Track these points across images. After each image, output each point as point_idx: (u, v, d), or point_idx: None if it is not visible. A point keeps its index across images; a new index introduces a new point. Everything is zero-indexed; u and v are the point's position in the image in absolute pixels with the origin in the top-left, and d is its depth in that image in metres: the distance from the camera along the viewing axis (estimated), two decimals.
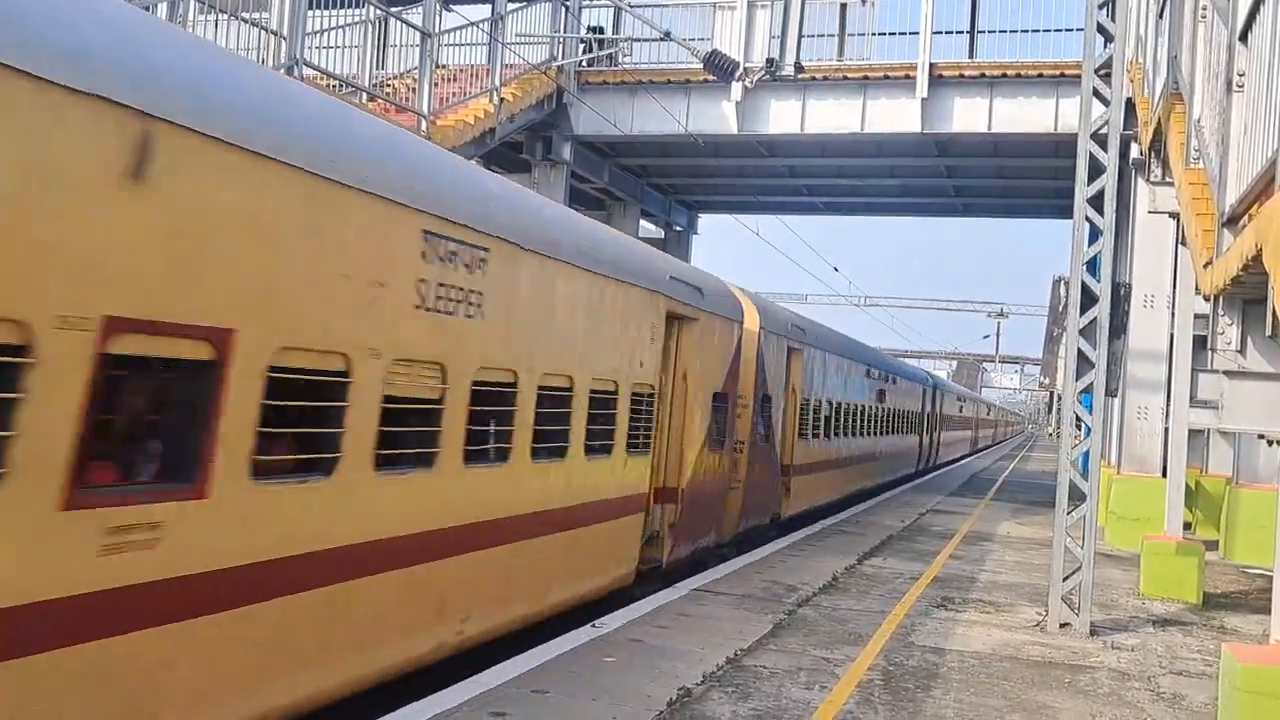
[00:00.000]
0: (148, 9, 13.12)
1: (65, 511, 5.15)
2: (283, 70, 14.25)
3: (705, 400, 14.65)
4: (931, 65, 23.72)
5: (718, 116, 24.97)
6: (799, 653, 9.97)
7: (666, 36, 20.92)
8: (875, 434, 29.62)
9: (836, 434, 24.56)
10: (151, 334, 5.56)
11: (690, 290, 14.02)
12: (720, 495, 15.78)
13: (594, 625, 10.33)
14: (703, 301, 14.36)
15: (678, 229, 35.79)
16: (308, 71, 14.90)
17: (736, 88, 23.47)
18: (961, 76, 23.82)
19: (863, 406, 27.45)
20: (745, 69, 21.29)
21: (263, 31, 14.85)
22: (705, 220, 37.83)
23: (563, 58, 24.06)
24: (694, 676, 8.79)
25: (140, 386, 6.15)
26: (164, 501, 5.73)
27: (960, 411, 58.52)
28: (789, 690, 8.69)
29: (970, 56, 24.33)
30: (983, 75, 23.76)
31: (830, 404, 23.66)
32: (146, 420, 6.17)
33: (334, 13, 17.78)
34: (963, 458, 58.33)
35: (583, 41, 24.67)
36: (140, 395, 6.16)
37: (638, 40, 25.22)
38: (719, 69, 20.01)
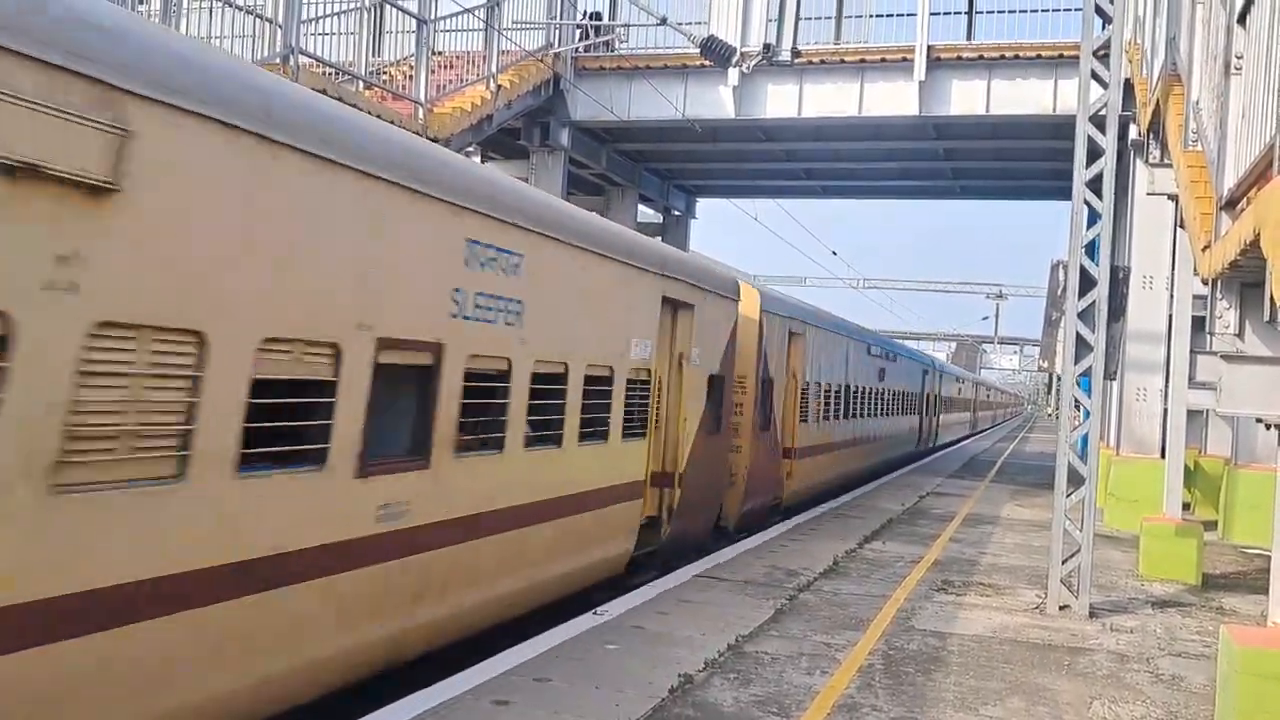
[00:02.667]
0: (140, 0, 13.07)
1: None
2: (278, 59, 14.21)
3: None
4: (929, 48, 23.64)
5: (715, 101, 24.92)
6: (800, 638, 10.01)
7: (663, 22, 20.87)
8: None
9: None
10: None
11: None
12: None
13: (595, 612, 10.37)
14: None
15: (676, 214, 35.74)
16: (303, 59, 14.85)
17: (733, 73, 23.42)
18: (959, 58, 23.75)
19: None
20: (742, 54, 21.22)
21: (257, 19, 14.79)
22: (704, 205, 37.78)
23: (559, 44, 24.01)
24: (695, 663, 8.83)
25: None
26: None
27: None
28: (790, 676, 8.73)
29: (968, 38, 24.25)
30: (981, 57, 23.68)
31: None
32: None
33: None
34: (962, 439, 58.13)
35: (579, 27, 24.61)
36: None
37: (634, 26, 25.16)
38: (715, 54, 19.96)
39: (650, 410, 12.96)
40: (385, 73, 18.54)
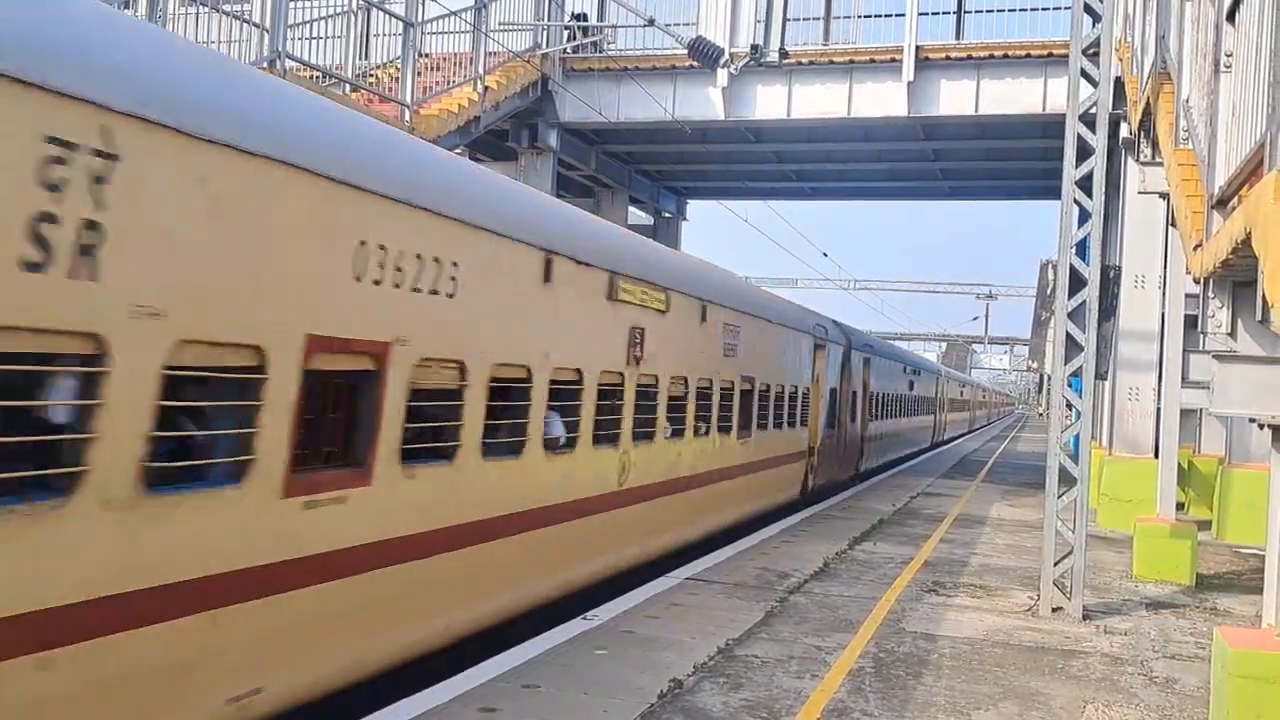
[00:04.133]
0: (126, 5, 12.97)
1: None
2: (265, 63, 14.12)
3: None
4: (918, 48, 23.63)
5: (704, 102, 24.88)
6: (790, 641, 9.93)
7: (650, 23, 20.81)
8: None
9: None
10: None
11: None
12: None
13: (585, 617, 10.28)
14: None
15: (667, 215, 35.71)
16: (290, 64, 14.76)
17: (722, 74, 23.37)
18: (948, 59, 23.73)
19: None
20: (730, 55, 21.18)
21: (244, 24, 14.70)
22: (695, 206, 37.83)
23: (547, 45, 23.95)
24: (685, 667, 8.75)
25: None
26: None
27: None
28: (780, 679, 8.65)
29: (957, 38, 24.24)
30: (969, 57, 23.66)
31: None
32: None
33: (316, 3, 17.65)
34: (962, 435, 66.41)
35: (567, 28, 24.55)
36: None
37: (622, 27, 25.11)
38: (703, 55, 19.91)
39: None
40: (372, 75, 18.45)
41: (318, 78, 15.98)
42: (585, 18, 25.21)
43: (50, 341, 5.00)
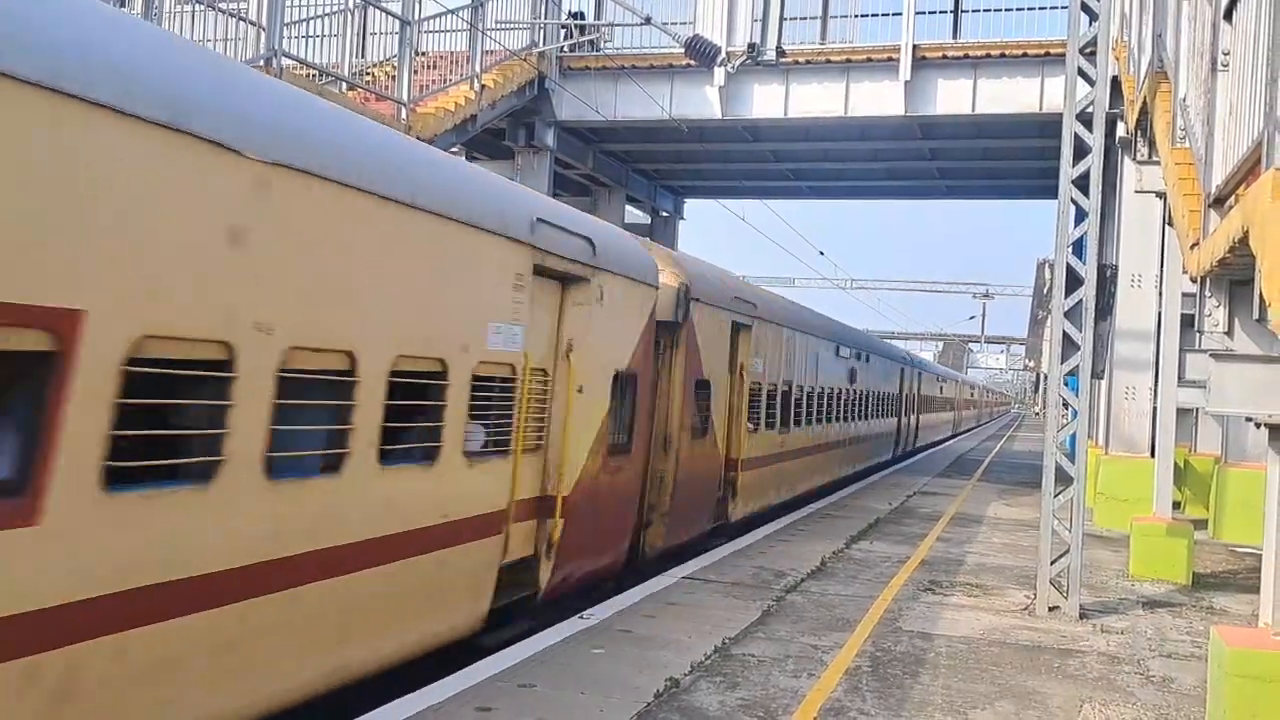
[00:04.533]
0: (123, 3, 12.94)
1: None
2: (261, 61, 14.09)
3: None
4: (915, 47, 23.62)
5: (701, 101, 24.87)
6: (787, 640, 9.92)
7: (647, 21, 20.79)
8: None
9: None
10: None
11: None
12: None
13: (582, 616, 10.27)
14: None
15: (664, 214, 35.70)
16: (286, 62, 14.73)
17: (719, 73, 23.36)
18: (945, 58, 23.72)
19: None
20: (727, 53, 21.15)
21: (240, 22, 14.67)
22: (692, 206, 37.80)
23: (544, 43, 23.92)
24: (682, 666, 8.74)
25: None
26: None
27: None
28: (777, 679, 8.64)
29: (954, 37, 24.23)
30: (966, 56, 23.66)
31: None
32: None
33: (313, 1, 17.62)
34: (944, 440, 55.22)
35: (564, 27, 24.53)
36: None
37: (619, 25, 25.08)
38: (700, 54, 19.89)
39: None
40: (369, 74, 18.42)
41: (314, 76, 15.95)
42: (582, 16, 25.20)
43: None
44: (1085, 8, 12.13)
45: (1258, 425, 7.49)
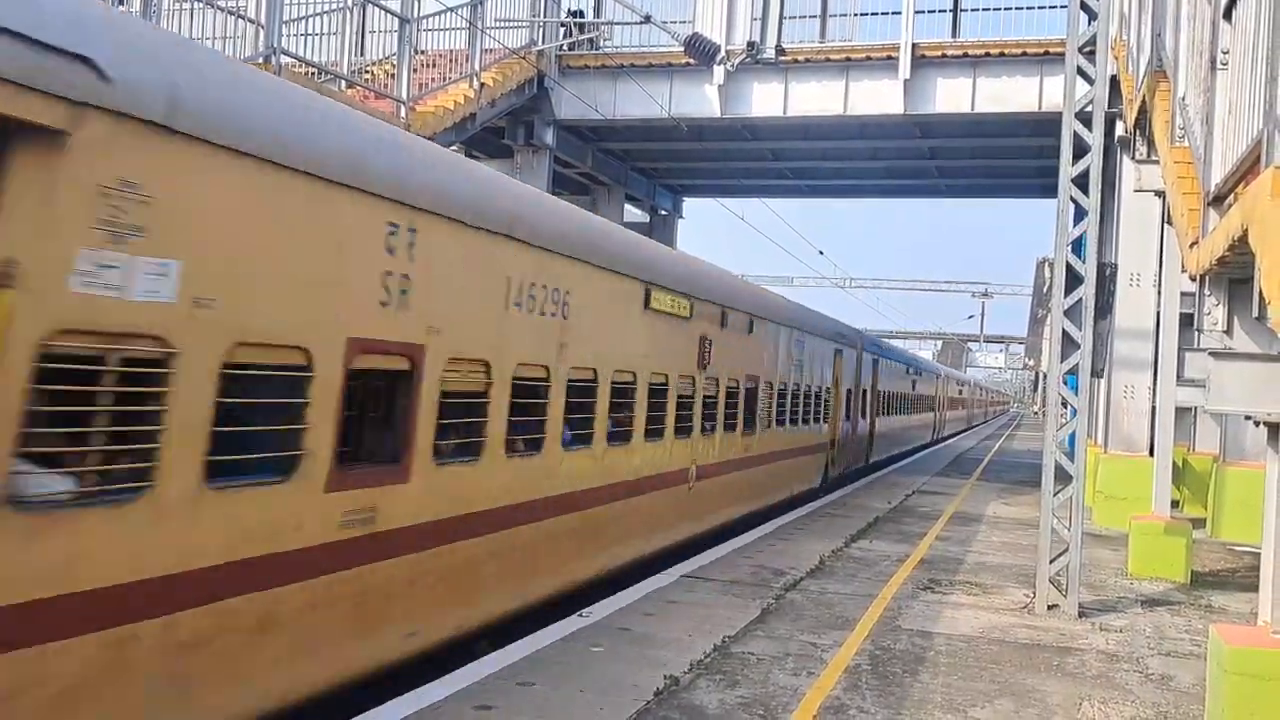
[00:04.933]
0: (121, 1, 12.93)
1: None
2: (260, 59, 14.08)
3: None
4: (914, 46, 23.62)
5: (700, 100, 24.87)
6: (787, 638, 9.93)
7: (647, 20, 20.79)
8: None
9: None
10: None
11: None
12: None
13: (581, 614, 10.27)
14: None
15: (663, 213, 35.71)
16: (285, 60, 14.72)
17: (719, 71, 23.36)
18: (944, 56, 23.72)
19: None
20: (727, 52, 21.16)
21: (239, 19, 14.66)
22: (692, 204, 37.78)
23: (543, 42, 23.92)
24: (681, 664, 8.74)
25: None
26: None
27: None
28: (776, 677, 8.64)
29: (953, 35, 24.23)
30: (965, 55, 23.66)
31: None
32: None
33: None
34: (959, 431, 68.13)
35: (563, 25, 24.52)
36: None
37: (618, 24, 25.08)
38: (700, 52, 19.89)
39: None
40: (368, 72, 18.41)
41: (313, 74, 15.94)
42: (581, 14, 25.20)
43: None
44: (1084, 7, 12.13)
45: (1257, 424, 7.50)
